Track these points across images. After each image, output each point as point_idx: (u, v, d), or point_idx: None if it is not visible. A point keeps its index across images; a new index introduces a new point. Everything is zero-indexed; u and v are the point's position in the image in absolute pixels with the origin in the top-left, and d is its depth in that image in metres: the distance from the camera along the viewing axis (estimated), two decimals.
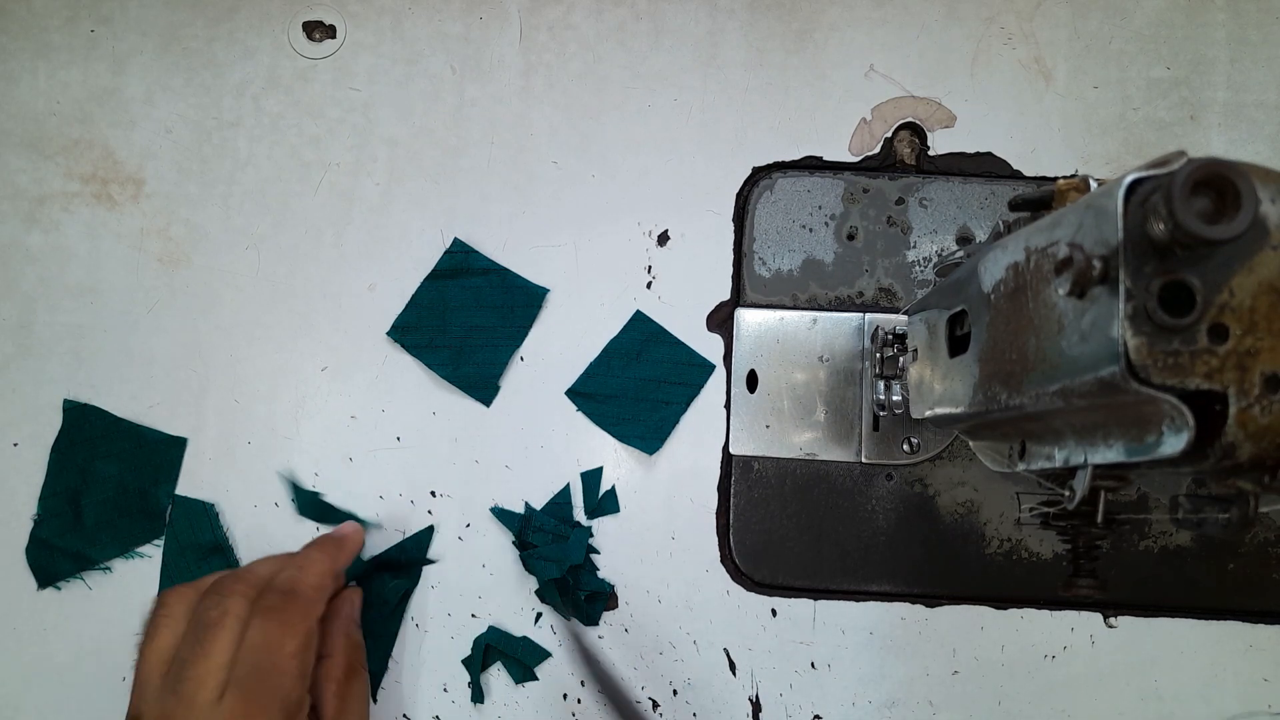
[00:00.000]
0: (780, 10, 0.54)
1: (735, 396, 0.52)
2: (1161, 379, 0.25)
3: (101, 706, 0.50)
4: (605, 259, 0.53)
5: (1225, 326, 0.25)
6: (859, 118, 0.54)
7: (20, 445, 0.52)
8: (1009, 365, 0.33)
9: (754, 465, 0.51)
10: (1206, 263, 0.26)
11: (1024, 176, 0.53)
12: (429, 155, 0.54)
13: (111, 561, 0.51)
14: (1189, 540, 0.50)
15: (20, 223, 0.54)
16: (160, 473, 0.51)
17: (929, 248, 0.53)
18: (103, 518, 0.51)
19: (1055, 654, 0.49)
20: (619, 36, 0.54)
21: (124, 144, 0.54)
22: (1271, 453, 0.26)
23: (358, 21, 0.55)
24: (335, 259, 0.53)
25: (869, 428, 0.51)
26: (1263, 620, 0.49)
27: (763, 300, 0.53)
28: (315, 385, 0.52)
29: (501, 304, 0.52)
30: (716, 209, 0.53)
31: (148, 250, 0.53)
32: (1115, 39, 0.53)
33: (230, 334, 0.53)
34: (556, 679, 0.50)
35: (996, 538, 0.50)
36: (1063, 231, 0.29)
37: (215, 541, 0.51)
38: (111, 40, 0.55)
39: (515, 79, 0.54)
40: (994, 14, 0.54)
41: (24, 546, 0.51)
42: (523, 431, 0.52)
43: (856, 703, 0.49)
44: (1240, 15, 0.53)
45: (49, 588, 0.51)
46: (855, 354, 0.52)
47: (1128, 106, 0.53)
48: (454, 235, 0.53)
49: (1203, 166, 0.24)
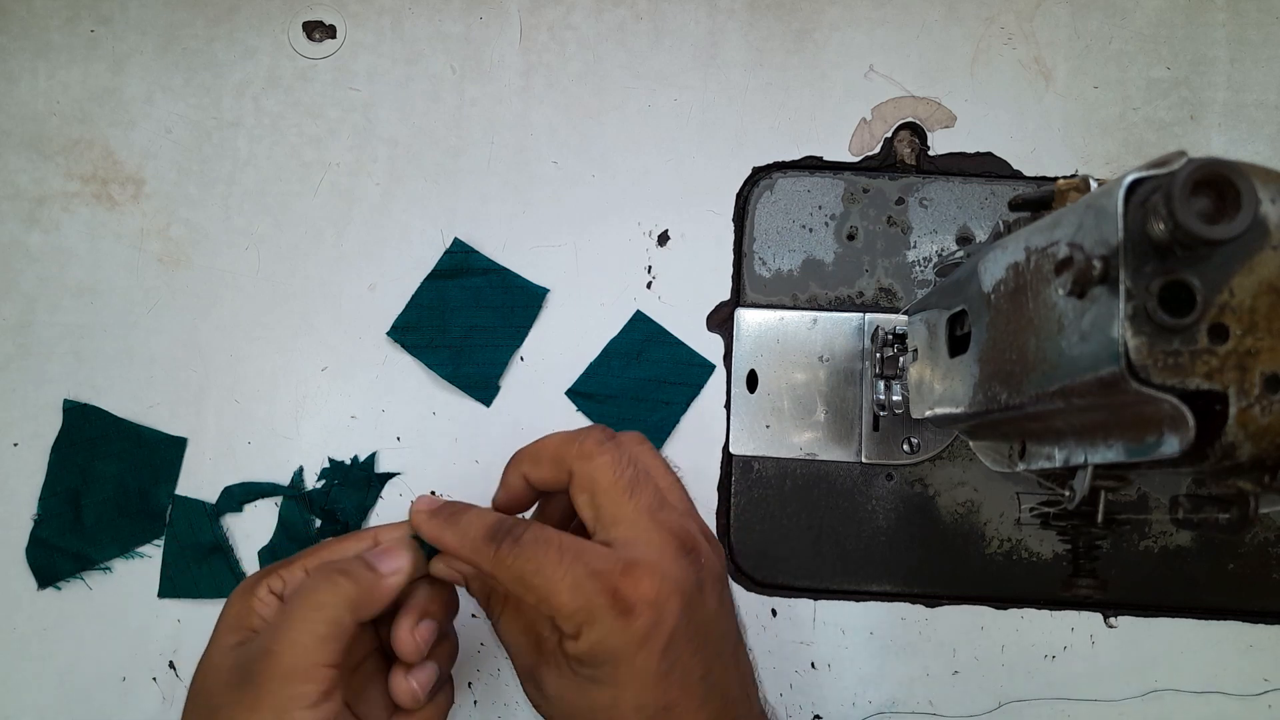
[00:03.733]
0: (780, 10, 0.54)
1: (735, 396, 0.52)
2: (1161, 379, 0.25)
3: (100, 706, 0.50)
4: (605, 259, 0.53)
5: (1225, 326, 0.25)
6: (859, 118, 0.54)
7: (20, 445, 0.52)
8: (1009, 365, 0.33)
9: (754, 465, 0.51)
10: (1206, 263, 0.26)
11: (1024, 176, 0.53)
12: (429, 155, 0.54)
13: (111, 561, 0.51)
14: (1189, 540, 0.50)
15: (20, 223, 0.54)
16: (160, 473, 0.51)
17: (929, 248, 0.53)
18: (103, 518, 0.51)
19: (1055, 654, 0.49)
20: (619, 36, 0.54)
21: (124, 144, 0.54)
22: (1271, 453, 0.26)
23: (358, 21, 0.55)
24: (335, 259, 0.53)
25: (869, 428, 0.51)
26: (1263, 620, 0.49)
27: (763, 300, 0.53)
28: (315, 385, 0.52)
29: (501, 304, 0.52)
30: (716, 209, 0.53)
31: (148, 250, 0.53)
32: (1115, 39, 0.53)
33: (230, 334, 0.53)
34: None
35: (996, 538, 0.50)
36: (1063, 231, 0.29)
37: (215, 541, 0.51)
38: (111, 40, 0.55)
39: (515, 79, 0.54)
40: (994, 14, 0.54)
41: (24, 547, 0.51)
42: (523, 431, 0.52)
43: (856, 703, 0.49)
44: (1240, 15, 0.53)
45: (49, 588, 0.51)
46: (855, 354, 0.52)
47: (1128, 106, 0.53)
48: (454, 235, 0.53)
49: (1203, 166, 0.24)
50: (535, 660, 0.37)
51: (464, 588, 0.39)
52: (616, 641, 0.34)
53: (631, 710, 0.34)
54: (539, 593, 0.34)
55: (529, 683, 0.38)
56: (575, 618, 0.34)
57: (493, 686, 0.50)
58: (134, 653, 0.50)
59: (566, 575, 0.34)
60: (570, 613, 0.34)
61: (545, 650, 0.37)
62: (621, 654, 0.34)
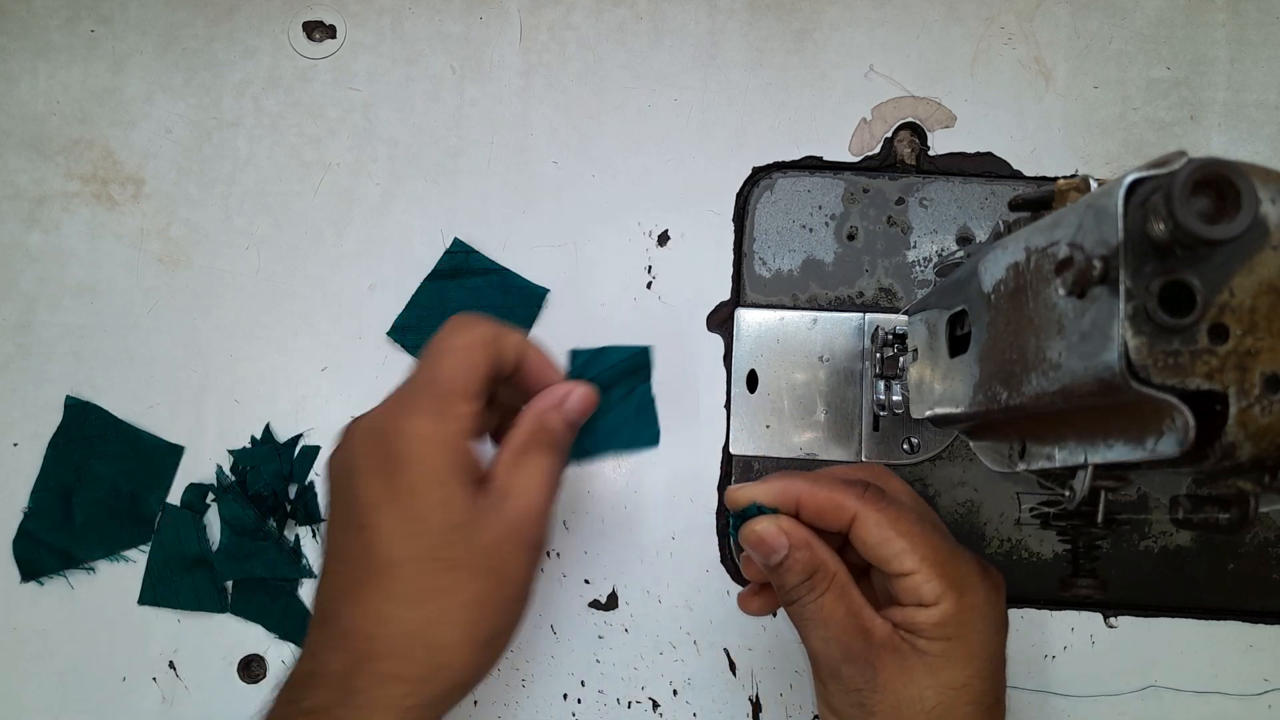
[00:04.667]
0: (780, 10, 0.54)
1: (735, 396, 0.52)
2: (1161, 379, 0.25)
3: (100, 706, 0.50)
4: (605, 259, 0.53)
5: (1225, 326, 0.25)
6: (859, 118, 0.54)
7: (20, 445, 0.52)
8: (1009, 365, 0.33)
9: (754, 465, 0.51)
10: (1206, 263, 0.26)
11: (1024, 176, 0.53)
12: (429, 155, 0.54)
13: (96, 562, 0.51)
14: (1189, 540, 0.50)
15: (20, 223, 0.54)
16: (154, 479, 0.51)
17: (929, 248, 0.53)
18: (92, 518, 0.51)
19: (1055, 654, 0.49)
20: (619, 36, 0.54)
21: (124, 144, 0.54)
22: (1271, 453, 0.26)
23: (358, 21, 0.55)
24: (335, 259, 0.53)
25: (869, 428, 0.51)
26: (1263, 620, 0.49)
27: (763, 300, 0.53)
28: (315, 385, 0.52)
29: (501, 304, 0.52)
30: (716, 209, 0.53)
31: (148, 250, 0.53)
32: (1115, 39, 0.53)
33: (230, 334, 0.53)
34: (557, 679, 0.50)
35: (996, 538, 0.50)
36: (1063, 231, 0.29)
37: (200, 554, 0.51)
38: (111, 40, 0.55)
39: (515, 79, 0.54)
40: (994, 14, 0.54)
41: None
42: None
43: None
44: (1240, 15, 0.53)
45: (31, 582, 0.51)
46: (855, 354, 0.52)
47: (1128, 106, 0.53)
48: (454, 235, 0.53)
49: (1203, 166, 0.24)
50: (864, 644, 0.35)
51: (774, 563, 0.37)
52: (989, 612, 0.34)
53: (981, 691, 0.34)
54: (913, 542, 0.35)
55: (852, 667, 0.36)
56: (948, 580, 0.34)
57: (493, 686, 0.50)
58: (134, 653, 0.50)
59: (943, 538, 0.35)
60: (946, 572, 0.34)
61: (877, 634, 0.35)
62: (989, 625, 0.34)
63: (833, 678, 0.37)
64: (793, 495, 0.37)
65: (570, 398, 0.39)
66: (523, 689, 0.50)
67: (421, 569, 0.34)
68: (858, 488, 0.37)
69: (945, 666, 0.34)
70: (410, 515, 0.34)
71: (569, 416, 0.39)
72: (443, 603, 0.34)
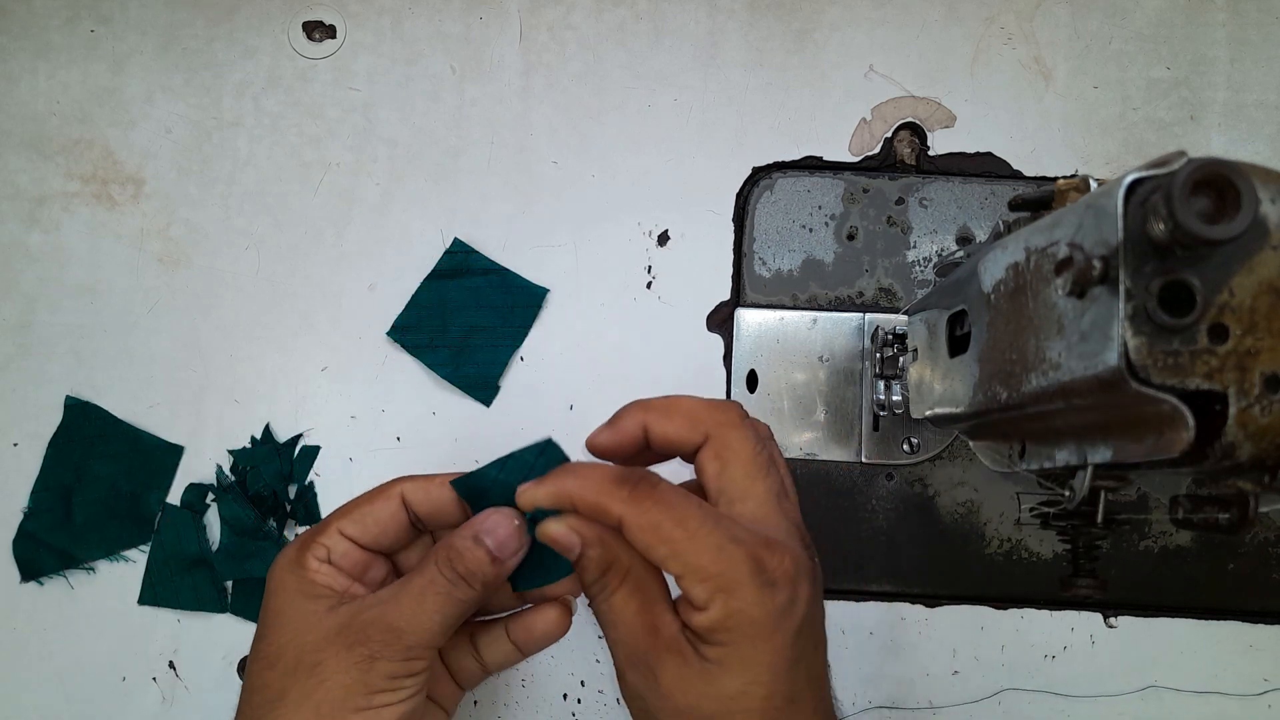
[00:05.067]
0: (780, 10, 0.54)
1: (735, 396, 0.52)
2: (1161, 379, 0.25)
3: (100, 706, 0.50)
4: (605, 259, 0.53)
5: (1225, 326, 0.25)
6: (859, 118, 0.54)
7: (20, 445, 0.52)
8: (1009, 365, 0.33)
9: None
10: (1206, 263, 0.26)
11: (1024, 176, 0.53)
12: (429, 155, 0.54)
13: (96, 562, 0.51)
14: (1189, 540, 0.50)
15: (20, 223, 0.53)
16: (154, 479, 0.51)
17: (929, 248, 0.53)
18: (92, 517, 0.51)
19: (1055, 654, 0.49)
20: (619, 36, 0.54)
21: (124, 144, 0.54)
22: (1271, 453, 0.26)
23: (358, 21, 0.55)
24: (335, 259, 0.53)
25: (869, 428, 0.51)
26: (1263, 620, 0.49)
27: (763, 300, 0.53)
28: (315, 385, 0.52)
29: (501, 304, 0.52)
30: (716, 209, 0.53)
31: (148, 250, 0.53)
32: (1115, 39, 0.53)
33: (230, 334, 0.53)
34: (556, 679, 0.50)
35: (996, 538, 0.50)
36: (1063, 231, 0.29)
37: (200, 554, 0.51)
38: (111, 40, 0.55)
39: (515, 79, 0.54)
40: (994, 14, 0.54)
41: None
42: (523, 431, 0.52)
43: (856, 702, 0.49)
44: (1240, 15, 0.53)
45: (31, 582, 0.51)
46: (855, 354, 0.52)
47: (1128, 106, 0.53)
48: (454, 235, 0.53)
49: (1203, 166, 0.24)
50: (649, 646, 0.34)
51: (574, 558, 0.35)
52: (757, 614, 0.31)
53: (760, 699, 0.32)
54: (676, 547, 0.32)
55: (636, 672, 0.34)
56: (714, 582, 0.32)
57: (493, 686, 0.50)
58: (134, 653, 0.50)
59: (711, 534, 0.32)
60: (711, 575, 0.32)
61: (663, 636, 0.33)
62: (760, 629, 0.32)
63: (622, 680, 0.35)
64: (567, 498, 0.34)
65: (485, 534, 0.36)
66: (523, 689, 0.50)
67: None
68: (627, 485, 0.33)
69: (720, 675, 0.32)
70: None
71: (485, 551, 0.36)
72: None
